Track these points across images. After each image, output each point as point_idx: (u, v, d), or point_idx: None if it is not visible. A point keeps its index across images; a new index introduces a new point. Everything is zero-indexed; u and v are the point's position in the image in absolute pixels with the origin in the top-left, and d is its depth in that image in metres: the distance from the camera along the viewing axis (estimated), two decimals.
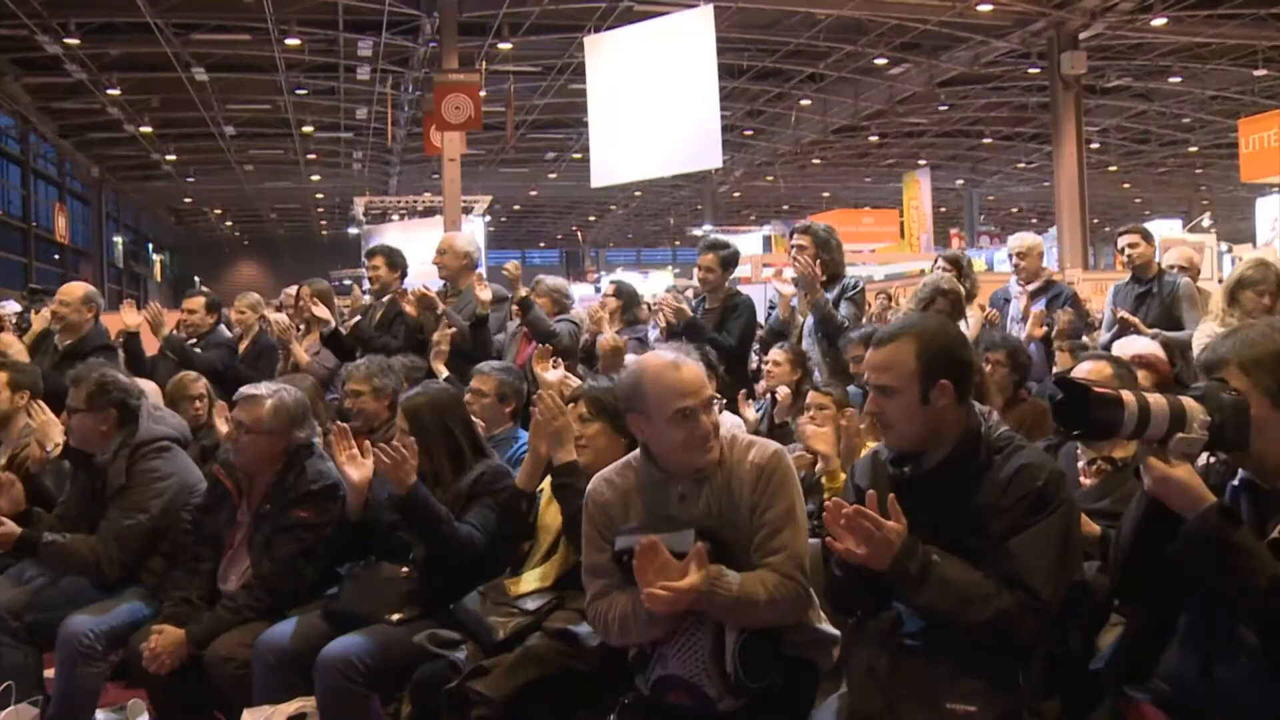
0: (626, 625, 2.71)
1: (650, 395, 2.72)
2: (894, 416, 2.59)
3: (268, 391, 3.94)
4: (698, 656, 2.67)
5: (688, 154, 14.28)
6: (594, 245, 56.33)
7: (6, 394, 4.92)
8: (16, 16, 19.16)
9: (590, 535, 2.85)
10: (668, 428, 2.72)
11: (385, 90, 24.31)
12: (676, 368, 2.75)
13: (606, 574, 2.78)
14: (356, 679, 3.26)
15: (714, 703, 2.66)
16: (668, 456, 2.78)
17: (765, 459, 2.78)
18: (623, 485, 2.85)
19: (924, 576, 2.41)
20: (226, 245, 54.52)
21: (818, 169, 38.70)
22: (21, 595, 4.14)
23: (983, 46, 22.34)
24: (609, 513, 2.82)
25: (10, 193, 34.09)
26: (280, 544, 3.81)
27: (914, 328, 2.69)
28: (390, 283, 6.48)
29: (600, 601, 2.78)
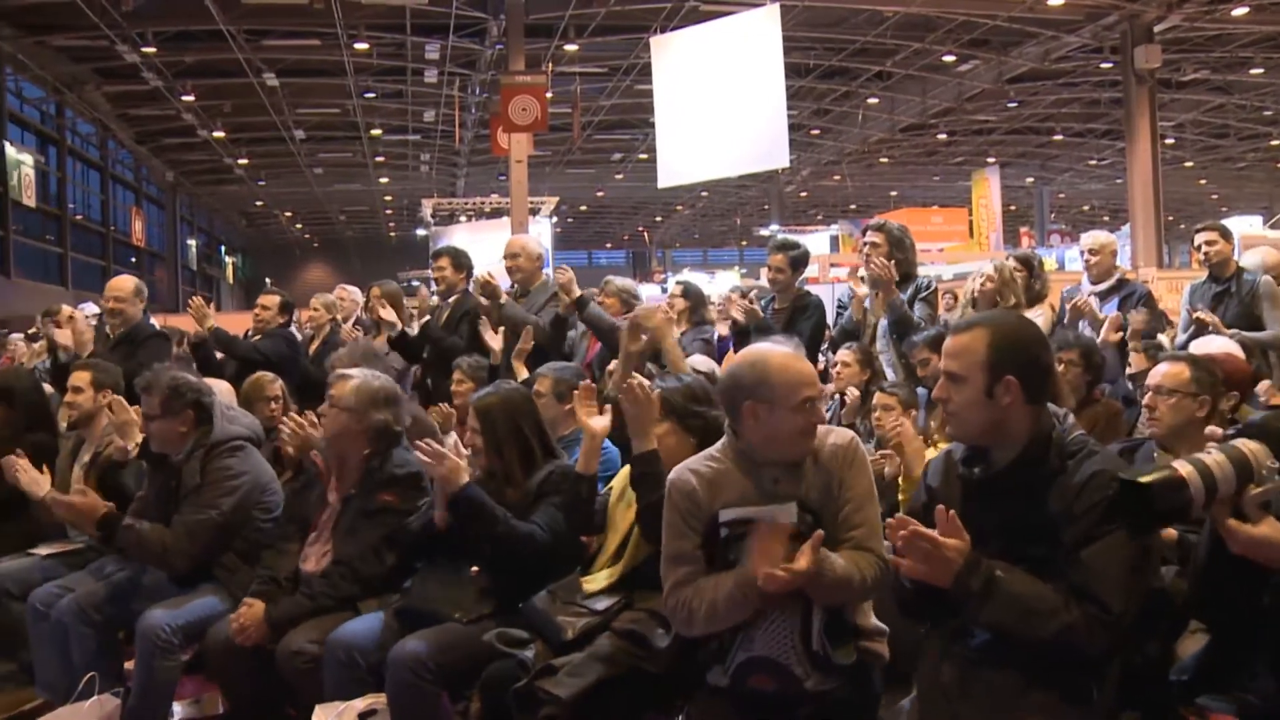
0: (716, 610, 2.72)
1: (778, 384, 2.77)
2: (958, 406, 2.57)
3: (358, 372, 4.07)
4: (785, 637, 2.72)
5: (755, 154, 14.21)
6: (660, 246, 56.35)
7: (90, 392, 5.04)
8: (98, 27, 19.66)
9: (674, 523, 2.85)
10: (791, 415, 2.77)
11: (452, 93, 24.49)
12: (798, 359, 2.86)
13: (690, 561, 2.80)
14: (426, 677, 3.28)
15: (800, 681, 2.70)
16: (778, 443, 2.81)
17: (844, 441, 2.87)
18: (710, 474, 2.86)
19: (988, 592, 2.38)
20: (296, 247, 55.31)
21: (885, 168, 38.38)
22: (102, 589, 4.25)
23: (1053, 42, 21.99)
24: (696, 499, 2.83)
25: (90, 197, 34.89)
26: (365, 529, 3.88)
27: (991, 320, 2.68)
28: (456, 284, 6.52)
29: (684, 589, 2.79)
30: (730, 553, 2.73)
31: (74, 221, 32.67)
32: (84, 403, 5.06)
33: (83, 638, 4.12)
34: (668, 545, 2.87)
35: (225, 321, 7.27)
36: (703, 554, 2.80)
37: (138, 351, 5.83)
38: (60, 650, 4.19)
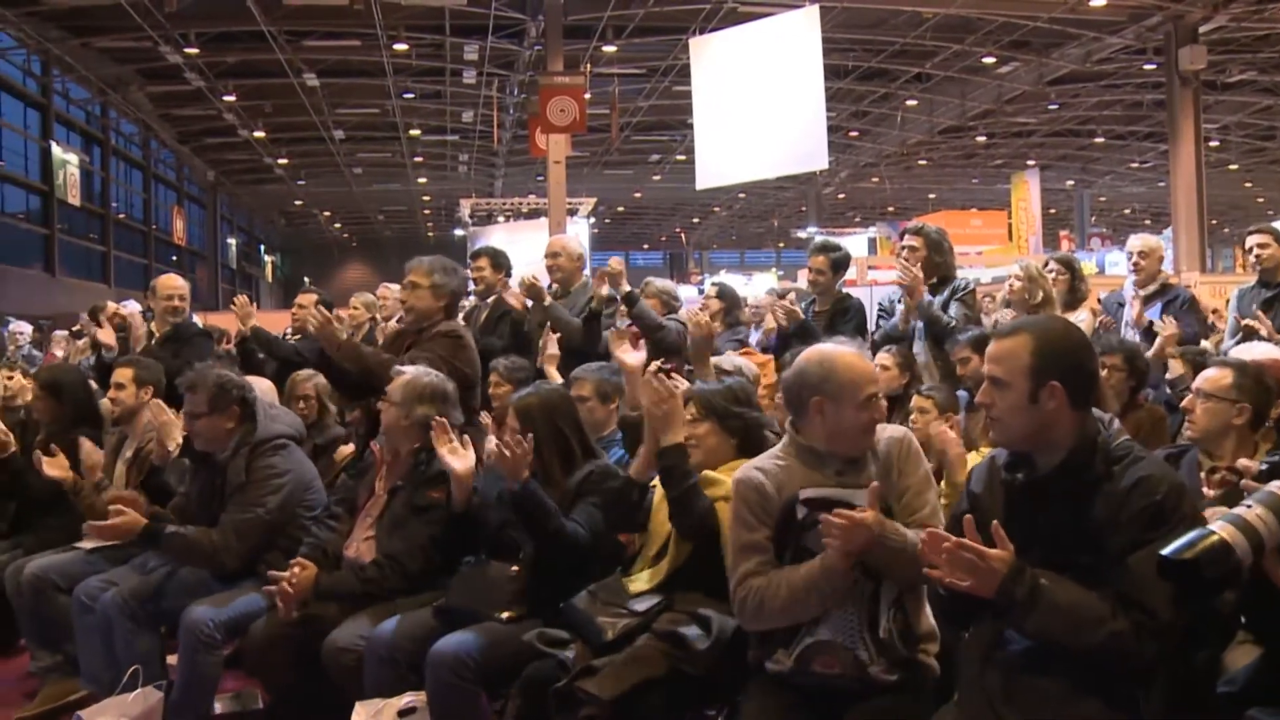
0: (794, 598, 2.77)
1: (845, 380, 2.87)
2: (1001, 411, 2.55)
3: (411, 369, 4.14)
4: (853, 621, 2.79)
5: (794, 156, 14.17)
6: (698, 247, 56.33)
7: (132, 389, 5.09)
8: (142, 29, 19.90)
9: (743, 517, 2.90)
10: (856, 411, 2.87)
11: (491, 93, 24.58)
12: (862, 358, 2.99)
13: (761, 551, 2.86)
14: (466, 675, 3.30)
15: (865, 667, 2.76)
16: (842, 438, 2.89)
17: (899, 435, 3.00)
18: (776, 470, 2.93)
19: (1033, 601, 2.36)
20: (335, 247, 55.71)
21: (924, 170, 38.19)
22: (146, 584, 4.29)
23: (1095, 43, 21.80)
24: (764, 492, 2.89)
25: (133, 197, 35.33)
26: (411, 524, 3.91)
27: (1036, 325, 2.66)
28: (495, 284, 6.53)
29: (756, 579, 2.83)
30: (805, 538, 2.81)
31: (117, 220, 33.10)
32: (126, 399, 5.12)
33: (127, 631, 4.16)
34: (737, 538, 2.91)
35: (264, 320, 7.32)
36: (774, 546, 2.86)
37: (182, 349, 5.89)
38: (104, 643, 4.24)
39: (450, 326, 4.91)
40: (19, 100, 27.02)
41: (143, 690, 3.93)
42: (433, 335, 4.81)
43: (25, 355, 12.08)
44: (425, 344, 4.77)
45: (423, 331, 4.88)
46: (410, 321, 4.97)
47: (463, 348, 4.84)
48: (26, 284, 26.69)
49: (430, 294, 4.91)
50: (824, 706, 2.81)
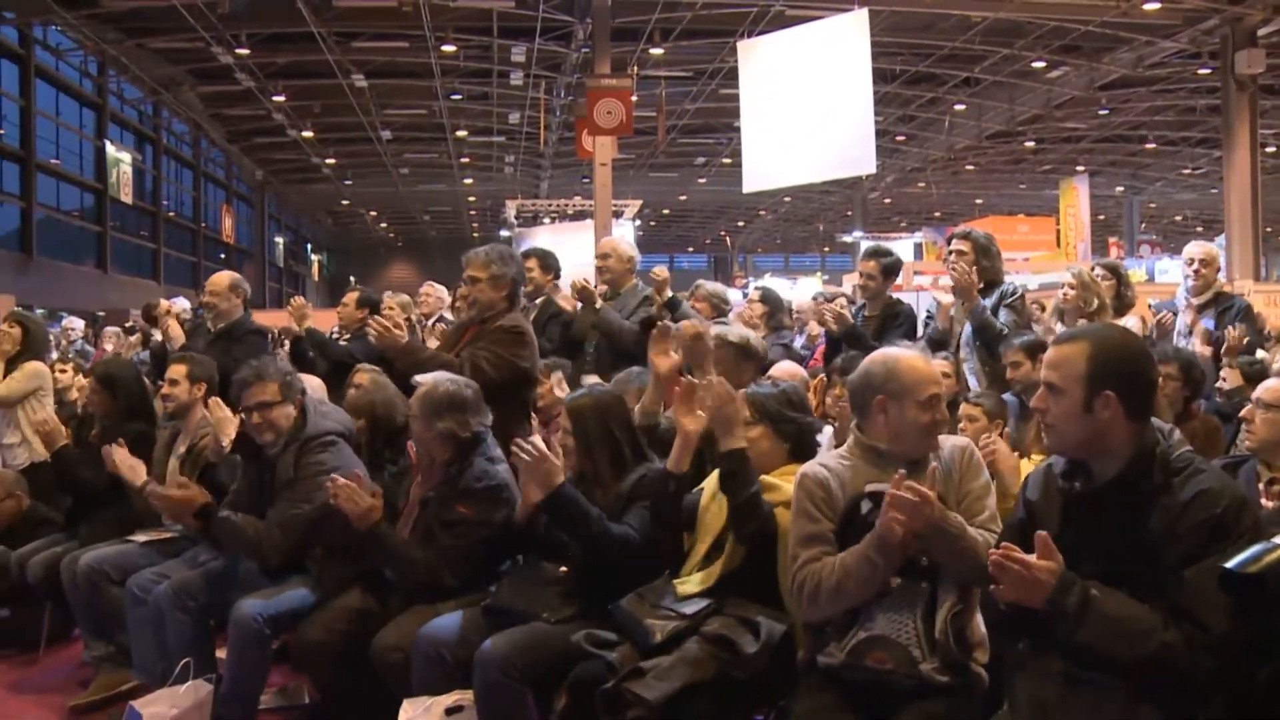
0: (846, 579, 2.79)
1: (908, 380, 2.94)
2: (1055, 417, 2.54)
3: (429, 379, 4.08)
4: (908, 620, 2.82)
5: (841, 160, 14.09)
6: (742, 250, 56.24)
7: (186, 385, 5.14)
8: (194, 30, 20.16)
9: (806, 509, 2.94)
10: (919, 411, 2.93)
11: (538, 95, 24.66)
12: (925, 360, 3.05)
13: (823, 542, 2.90)
14: (514, 675, 3.29)
15: (917, 664, 2.78)
16: (904, 440, 2.94)
17: (962, 444, 3.06)
18: (840, 469, 2.99)
19: (1083, 613, 2.34)
20: (381, 246, 56.14)
21: (971, 175, 37.95)
22: (197, 578, 4.34)
23: (1148, 47, 21.55)
24: (828, 487, 2.94)
25: (183, 195, 35.79)
26: (442, 537, 3.89)
27: (1095, 333, 2.63)
28: (543, 285, 6.53)
29: (813, 565, 2.87)
30: (869, 532, 2.80)
31: (167, 218, 33.58)
32: (180, 395, 5.16)
33: (178, 624, 4.21)
34: (800, 530, 2.94)
35: None
36: (836, 537, 2.90)
37: (235, 347, 5.93)
38: (156, 635, 4.30)
39: (513, 321, 4.84)
40: (75, 100, 27.50)
41: (193, 682, 3.97)
42: (494, 329, 4.77)
43: (78, 350, 12.25)
44: (485, 337, 4.74)
45: (485, 323, 4.84)
46: (473, 314, 4.94)
47: (524, 343, 4.79)
48: (80, 280, 27.16)
49: (490, 285, 4.86)
50: (873, 706, 2.80)
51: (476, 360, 4.53)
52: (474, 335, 4.82)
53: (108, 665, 4.82)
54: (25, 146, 24.62)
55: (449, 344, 4.97)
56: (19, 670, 5.37)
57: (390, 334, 4.57)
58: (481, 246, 5.10)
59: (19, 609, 5.47)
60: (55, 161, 26.68)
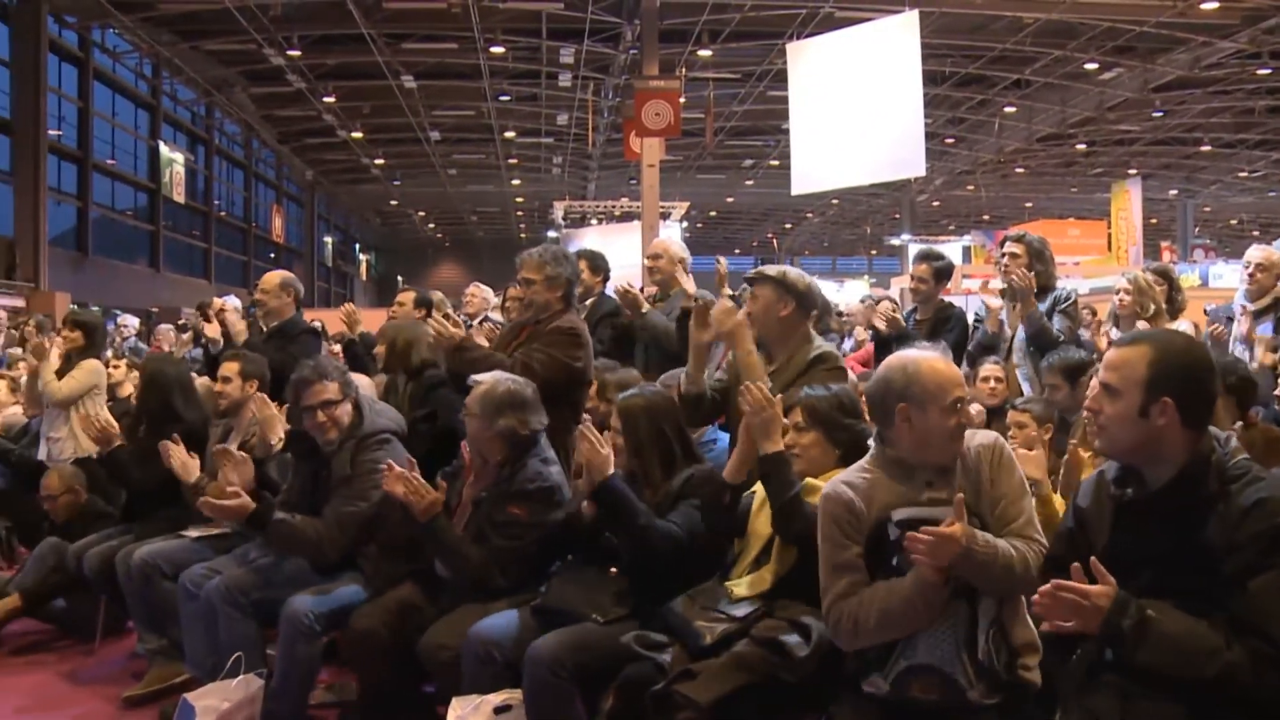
0: (889, 618, 2.72)
1: (930, 385, 2.82)
2: (1109, 419, 2.49)
3: (488, 379, 4.08)
4: (949, 644, 2.74)
5: (890, 162, 14.03)
6: (789, 253, 56.02)
7: (238, 382, 5.20)
8: (247, 32, 20.41)
9: (832, 535, 2.86)
10: (942, 416, 2.81)
11: (586, 97, 24.74)
12: (947, 362, 2.91)
13: (853, 570, 2.82)
14: (563, 675, 3.30)
15: (963, 692, 2.72)
16: (929, 446, 2.83)
17: (989, 441, 2.91)
18: (863, 484, 2.88)
19: (1141, 633, 2.28)
20: (429, 247, 56.49)
21: (1021, 178, 37.61)
22: (249, 574, 4.38)
23: (1205, 48, 21.26)
24: (854, 509, 2.83)
25: (234, 195, 36.21)
26: (494, 538, 3.90)
27: (1159, 338, 2.60)
28: (593, 286, 6.51)
29: (848, 600, 2.79)
30: (898, 559, 2.75)
31: (219, 218, 33.97)
32: (232, 392, 5.23)
33: (230, 619, 4.24)
34: (829, 557, 2.86)
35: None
36: (865, 563, 2.81)
37: (289, 345, 5.98)
38: (208, 629, 4.34)
39: (568, 322, 4.81)
40: (131, 101, 27.90)
41: (244, 677, 4.01)
42: (549, 330, 4.75)
43: (131, 348, 12.43)
44: (540, 338, 4.73)
45: (540, 323, 4.83)
46: (528, 315, 4.95)
47: (578, 345, 4.76)
48: (133, 278, 27.54)
49: (544, 286, 4.83)
50: None
51: (529, 361, 4.52)
52: (529, 336, 4.81)
53: (160, 658, 4.87)
54: (83, 147, 25.00)
55: (503, 344, 4.97)
56: (75, 660, 5.45)
57: (447, 333, 4.59)
58: (535, 247, 5.09)
59: (76, 600, 5.56)
60: (111, 161, 27.07)
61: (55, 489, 5.81)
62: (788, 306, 4.08)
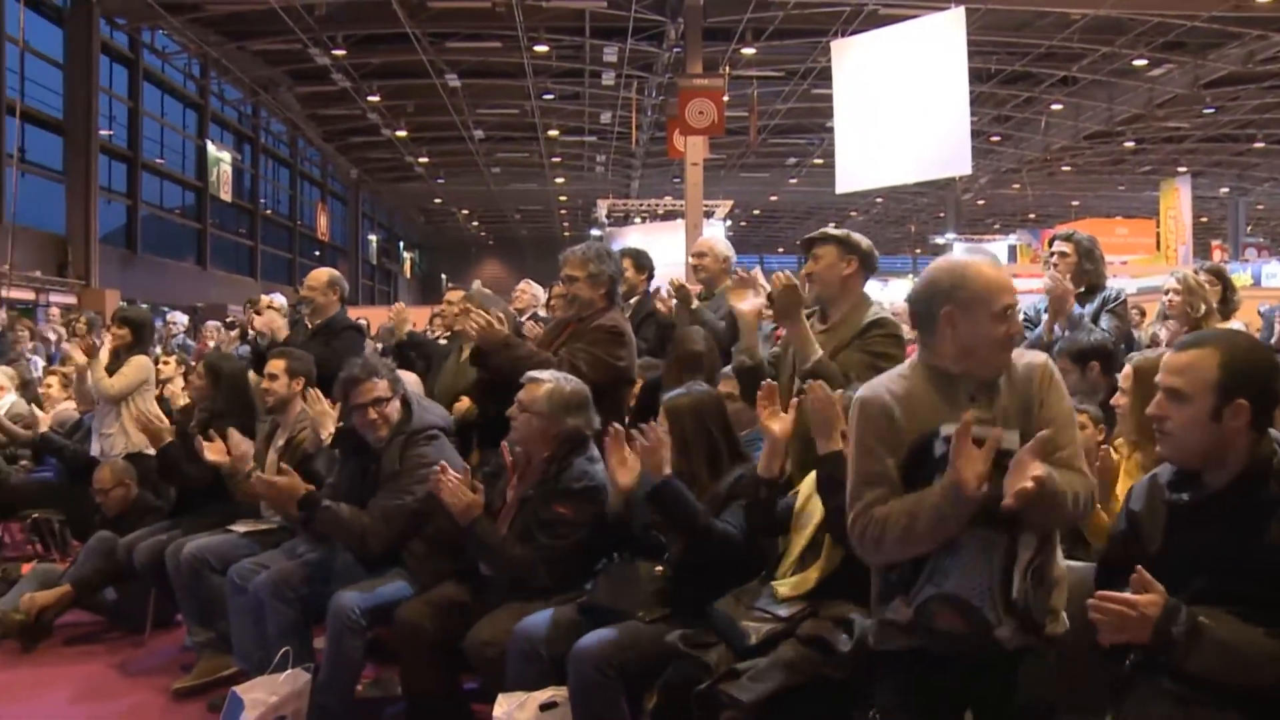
0: (914, 526, 2.53)
1: (979, 288, 2.62)
2: (1177, 425, 2.43)
3: (549, 377, 4.08)
4: (982, 576, 2.55)
5: (936, 160, 13.95)
6: None
7: (284, 380, 5.25)
8: (293, 32, 20.60)
9: (868, 444, 2.67)
10: (991, 323, 2.62)
11: (629, 95, 24.76)
12: (997, 267, 2.73)
13: (886, 482, 2.63)
14: (609, 672, 3.30)
15: (990, 628, 2.53)
16: (974, 355, 2.64)
17: (1039, 361, 2.72)
18: (903, 392, 2.69)
19: (1193, 641, 2.24)
20: (472, 245, 56.74)
21: (1067, 176, 37.21)
22: (296, 569, 4.42)
23: (1259, 42, 20.93)
24: (893, 417, 2.64)
25: (280, 193, 36.55)
26: (539, 536, 3.90)
27: (1224, 339, 2.53)
28: (638, 285, 6.52)
29: (877, 509, 2.61)
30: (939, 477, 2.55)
31: (264, 216, 34.28)
32: (279, 389, 5.27)
33: (277, 613, 4.29)
34: (861, 466, 2.68)
35: None
36: (901, 477, 2.64)
37: (332, 342, 6.02)
38: (255, 623, 4.39)
39: (611, 320, 4.80)
40: (178, 101, 28.24)
41: (292, 671, 4.05)
42: (592, 328, 4.74)
43: (180, 344, 12.59)
44: (583, 336, 4.72)
45: (583, 321, 4.81)
46: (572, 312, 4.94)
47: (622, 343, 4.74)
48: (181, 276, 27.88)
49: (588, 283, 4.81)
50: (946, 677, 2.66)
51: (574, 360, 4.52)
52: (572, 334, 4.80)
53: (209, 651, 4.94)
54: (132, 146, 25.35)
55: (546, 342, 4.98)
56: (125, 652, 5.53)
57: (491, 329, 4.60)
58: (579, 245, 5.09)
59: (126, 592, 5.65)
60: (159, 161, 27.42)
61: (106, 483, 5.90)
62: (851, 265, 4.04)
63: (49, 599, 5.51)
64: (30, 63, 20.34)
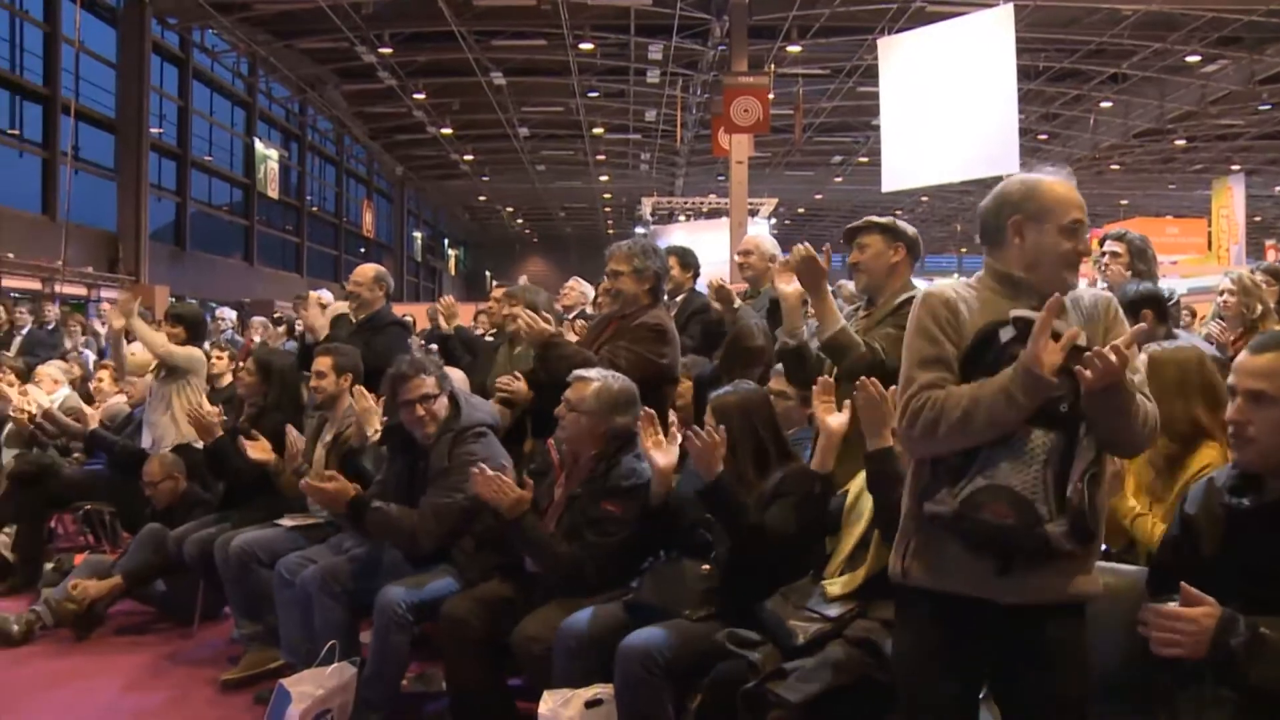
0: (974, 410, 2.38)
1: (1048, 200, 2.56)
2: (1261, 430, 2.34)
3: (596, 375, 4.07)
4: (1036, 469, 2.38)
5: (983, 158, 13.80)
6: None
7: (332, 376, 5.29)
8: (340, 30, 20.76)
9: (928, 329, 2.55)
10: (1058, 236, 2.55)
11: (674, 93, 24.76)
12: (1068, 185, 2.64)
13: (945, 366, 2.51)
14: (655, 670, 3.28)
15: (1040, 522, 2.36)
16: (1041, 268, 2.55)
17: (1105, 296, 2.64)
18: (969, 294, 2.60)
19: (1255, 651, 2.16)
20: (517, 242, 56.94)
21: (1116, 175, 36.77)
22: (344, 564, 4.45)
23: None
24: (957, 310, 2.55)
25: (326, 191, 36.85)
26: (587, 534, 3.89)
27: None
28: (683, 283, 6.49)
29: (933, 391, 2.46)
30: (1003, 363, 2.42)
31: (311, 213, 34.60)
32: (327, 386, 5.31)
33: (324, 607, 4.32)
34: (920, 352, 2.54)
35: None
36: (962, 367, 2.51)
37: (376, 338, 6.05)
38: (303, 616, 4.42)
39: (655, 318, 4.77)
40: (227, 99, 28.57)
41: (339, 664, 4.07)
42: (635, 325, 4.71)
43: (228, 339, 12.71)
44: (626, 334, 4.70)
45: (626, 318, 4.79)
46: (615, 308, 4.92)
47: (665, 341, 4.72)
48: (229, 272, 28.19)
49: (632, 279, 4.79)
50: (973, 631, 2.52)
51: (616, 358, 4.50)
52: (615, 331, 4.78)
53: (256, 643, 4.98)
54: (182, 144, 25.67)
55: (590, 338, 4.97)
56: (174, 643, 5.60)
57: (537, 327, 4.60)
58: (624, 240, 5.07)
59: (175, 584, 5.71)
60: (208, 158, 27.75)
61: (156, 475, 5.96)
62: (898, 253, 4.02)
63: (101, 590, 5.59)
64: (84, 62, 20.67)
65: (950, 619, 2.52)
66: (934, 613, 2.56)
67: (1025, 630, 2.48)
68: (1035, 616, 2.47)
